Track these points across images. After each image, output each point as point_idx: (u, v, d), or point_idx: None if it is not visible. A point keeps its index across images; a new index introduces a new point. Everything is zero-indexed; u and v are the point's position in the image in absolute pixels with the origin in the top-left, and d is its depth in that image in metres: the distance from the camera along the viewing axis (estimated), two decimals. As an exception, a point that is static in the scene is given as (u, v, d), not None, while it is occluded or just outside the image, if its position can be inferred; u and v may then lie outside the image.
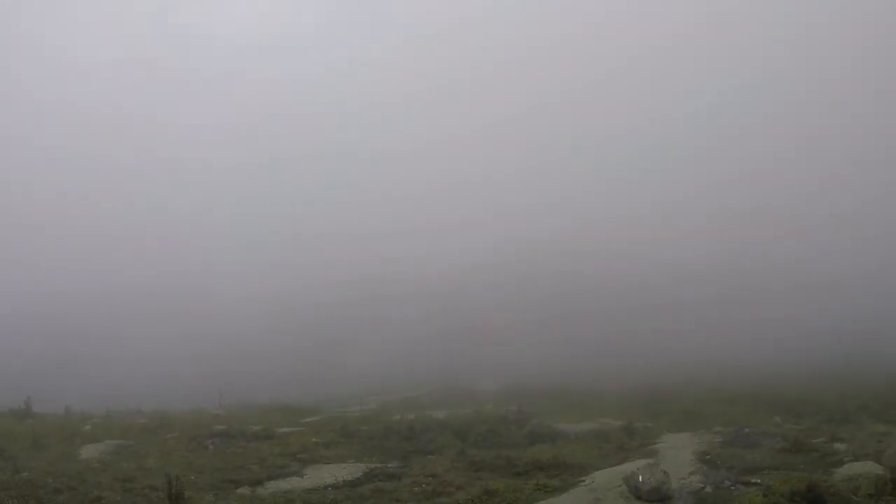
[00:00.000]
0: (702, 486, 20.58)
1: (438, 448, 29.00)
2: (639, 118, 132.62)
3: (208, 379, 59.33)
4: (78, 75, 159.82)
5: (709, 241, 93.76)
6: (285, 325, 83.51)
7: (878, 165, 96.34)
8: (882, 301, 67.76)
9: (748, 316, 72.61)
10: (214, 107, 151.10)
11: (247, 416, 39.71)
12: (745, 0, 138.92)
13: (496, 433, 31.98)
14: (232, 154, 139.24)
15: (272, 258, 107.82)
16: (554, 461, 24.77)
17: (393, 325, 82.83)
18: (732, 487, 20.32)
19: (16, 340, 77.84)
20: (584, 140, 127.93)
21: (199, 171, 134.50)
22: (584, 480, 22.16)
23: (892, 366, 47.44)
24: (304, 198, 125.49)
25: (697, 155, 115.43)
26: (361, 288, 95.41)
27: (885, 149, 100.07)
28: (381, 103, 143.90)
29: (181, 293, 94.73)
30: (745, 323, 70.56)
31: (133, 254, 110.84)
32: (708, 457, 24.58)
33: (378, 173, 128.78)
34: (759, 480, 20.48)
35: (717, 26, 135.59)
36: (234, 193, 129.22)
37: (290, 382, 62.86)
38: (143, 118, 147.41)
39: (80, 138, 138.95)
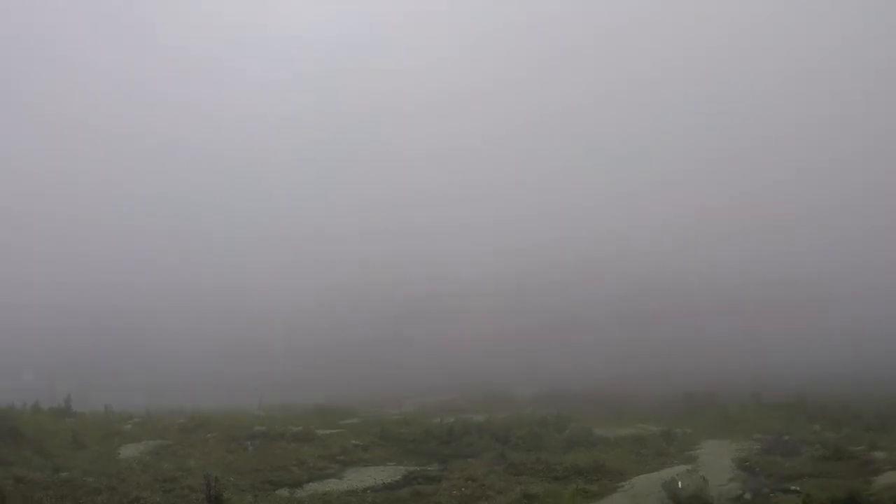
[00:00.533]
0: (741, 492, 20.53)
1: (477, 452, 29.02)
2: (667, 123, 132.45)
3: (248, 379, 59.65)
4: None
5: (748, 245, 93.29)
6: (323, 325, 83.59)
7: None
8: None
9: (787, 321, 72.05)
10: (263, 104, 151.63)
11: (286, 416, 39.80)
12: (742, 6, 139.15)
13: (535, 437, 31.91)
14: (272, 151, 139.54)
15: (307, 257, 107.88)
16: (593, 466, 24.77)
17: (430, 327, 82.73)
18: (771, 495, 20.26)
19: (57, 336, 78.57)
20: (616, 143, 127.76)
21: (245, 166, 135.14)
22: (622, 486, 22.18)
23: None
24: (343, 197, 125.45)
25: (736, 160, 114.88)
26: (398, 288, 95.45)
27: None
28: (419, 105, 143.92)
29: (222, 292, 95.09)
30: (783, 329, 70.01)
31: (175, 252, 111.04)
32: (747, 464, 24.53)
33: (420, 173, 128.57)
34: (798, 488, 20.40)
35: (728, 37, 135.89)
36: (279, 192, 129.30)
37: (328, 382, 62.96)
38: (184, 113, 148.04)
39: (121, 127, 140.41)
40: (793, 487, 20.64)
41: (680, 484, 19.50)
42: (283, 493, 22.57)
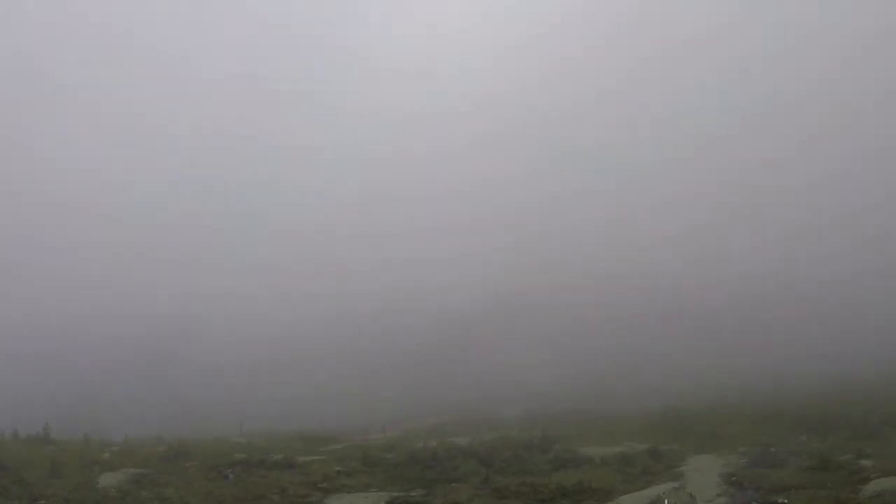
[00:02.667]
0: (729, 507, 20.36)
1: (462, 475, 28.64)
2: (650, 128, 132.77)
3: (229, 405, 59.28)
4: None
5: (727, 262, 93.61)
6: (303, 352, 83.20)
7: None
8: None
9: (769, 335, 72.28)
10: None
11: (267, 444, 39.43)
12: (745, 6, 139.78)
13: (520, 459, 31.60)
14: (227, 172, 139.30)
15: (287, 283, 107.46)
16: (579, 487, 24.50)
17: (411, 351, 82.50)
18: (759, 508, 20.10)
19: (36, 368, 77.97)
20: (594, 158, 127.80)
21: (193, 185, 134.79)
22: (609, 505, 21.96)
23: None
24: (317, 221, 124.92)
25: (721, 177, 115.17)
26: (377, 315, 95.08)
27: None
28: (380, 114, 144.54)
29: (198, 318, 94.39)
30: (765, 342, 70.22)
31: (149, 278, 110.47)
32: (734, 478, 24.33)
33: (382, 182, 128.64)
34: (785, 500, 20.25)
35: (724, 30, 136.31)
36: (244, 217, 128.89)
37: (310, 409, 62.62)
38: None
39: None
40: (780, 500, 20.50)
41: (667, 502, 19.33)
42: (265, 522, 22.28)
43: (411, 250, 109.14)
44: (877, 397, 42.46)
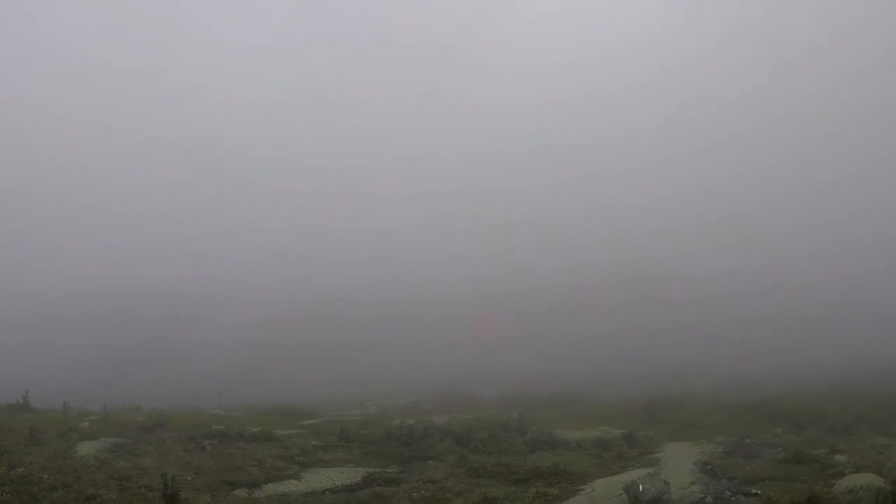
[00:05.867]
0: (702, 496, 20.46)
1: (438, 454, 28.76)
2: (647, 125, 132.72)
3: (208, 378, 59.14)
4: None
5: (709, 253, 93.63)
6: (286, 327, 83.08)
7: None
8: (882, 314, 67.63)
9: (750, 328, 72.40)
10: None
11: (246, 416, 39.44)
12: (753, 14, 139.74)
13: (496, 440, 31.71)
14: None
15: (274, 259, 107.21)
16: (554, 469, 24.61)
17: (394, 330, 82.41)
18: (733, 498, 20.21)
19: (19, 337, 77.65)
20: (590, 152, 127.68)
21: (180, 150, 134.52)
22: (583, 489, 22.03)
23: (892, 378, 47.24)
24: (306, 198, 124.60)
25: (698, 169, 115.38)
26: (362, 293, 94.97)
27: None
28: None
29: (184, 294, 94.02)
30: (746, 335, 70.34)
31: (134, 254, 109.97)
32: (709, 467, 24.48)
33: (385, 178, 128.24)
34: (759, 491, 20.38)
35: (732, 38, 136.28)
36: (238, 193, 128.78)
37: (290, 384, 62.53)
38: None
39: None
40: (754, 490, 20.63)
41: (641, 487, 19.39)
42: (241, 493, 22.27)
43: (392, 245, 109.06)
44: (853, 393, 42.72)
